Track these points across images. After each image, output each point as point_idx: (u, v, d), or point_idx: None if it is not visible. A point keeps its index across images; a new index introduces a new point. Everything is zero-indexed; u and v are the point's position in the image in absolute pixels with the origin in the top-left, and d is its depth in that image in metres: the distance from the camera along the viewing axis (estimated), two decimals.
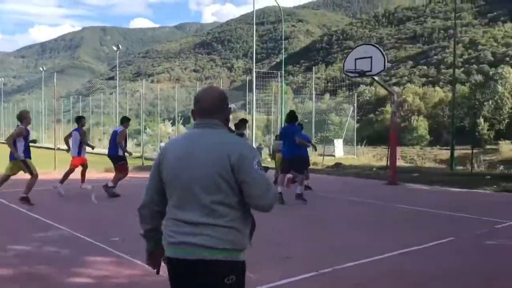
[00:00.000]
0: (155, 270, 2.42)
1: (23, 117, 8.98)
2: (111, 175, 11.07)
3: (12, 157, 8.87)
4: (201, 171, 2.13)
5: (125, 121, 10.99)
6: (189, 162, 2.17)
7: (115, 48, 33.02)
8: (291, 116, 9.79)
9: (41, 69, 40.76)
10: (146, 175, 9.95)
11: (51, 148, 21.90)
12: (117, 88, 31.18)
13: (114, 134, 10.84)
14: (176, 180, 2.20)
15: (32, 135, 14.80)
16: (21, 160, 8.79)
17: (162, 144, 28.77)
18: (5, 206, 9.01)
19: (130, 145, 30.87)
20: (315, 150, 12.81)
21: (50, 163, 15.52)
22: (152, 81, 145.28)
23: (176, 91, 28.04)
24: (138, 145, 30.73)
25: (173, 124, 29.30)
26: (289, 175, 10.48)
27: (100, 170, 15.73)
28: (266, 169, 10.08)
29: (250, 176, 2.11)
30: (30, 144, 9.22)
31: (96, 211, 8.78)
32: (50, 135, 36.71)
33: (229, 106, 2.40)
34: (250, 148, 2.22)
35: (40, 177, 13.56)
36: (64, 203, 9.59)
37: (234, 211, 2.15)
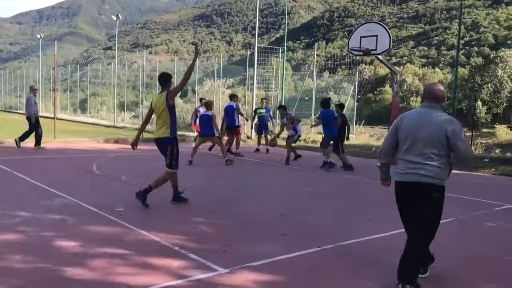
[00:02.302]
0: (388, 185, 4.19)
1: None
2: (111, 145, 11.01)
3: None
4: (426, 133, 3.72)
5: (235, 96, 13.60)
6: (418, 126, 3.77)
7: (114, 18, 32.47)
8: (326, 102, 11.68)
9: (38, 36, 39.99)
10: (147, 147, 9.91)
11: (50, 117, 21.75)
12: (116, 58, 30.72)
13: (230, 108, 12.86)
14: (409, 137, 3.81)
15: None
16: None
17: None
18: (9, 173, 9.02)
19: (127, 117, 30.82)
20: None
21: (49, 132, 15.41)
22: (150, 53, 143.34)
23: (175, 64, 27.69)
24: (136, 117, 30.51)
25: None
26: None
27: (100, 141, 15.71)
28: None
29: (458, 141, 3.65)
30: None
31: (99, 181, 8.80)
32: (47, 104, 36.35)
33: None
34: (458, 124, 3.74)
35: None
36: (65, 173, 9.60)
37: (441, 158, 3.74)
